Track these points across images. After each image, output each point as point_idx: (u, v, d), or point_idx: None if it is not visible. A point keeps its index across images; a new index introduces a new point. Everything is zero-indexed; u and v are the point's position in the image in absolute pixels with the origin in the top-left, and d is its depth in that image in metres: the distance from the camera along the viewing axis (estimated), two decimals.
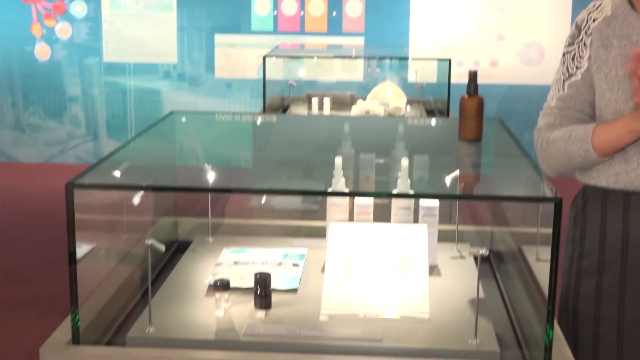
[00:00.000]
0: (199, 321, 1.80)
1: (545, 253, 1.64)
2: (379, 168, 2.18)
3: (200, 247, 2.26)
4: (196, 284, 2.00)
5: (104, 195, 1.94)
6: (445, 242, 2.24)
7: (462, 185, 1.97)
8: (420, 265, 1.87)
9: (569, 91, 2.01)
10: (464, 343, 1.69)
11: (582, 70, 2.00)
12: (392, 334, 1.73)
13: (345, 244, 1.91)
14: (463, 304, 1.89)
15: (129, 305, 1.94)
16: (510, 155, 2.12)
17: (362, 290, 1.85)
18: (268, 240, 2.30)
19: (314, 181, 2.07)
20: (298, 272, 2.04)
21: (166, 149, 2.37)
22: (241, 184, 2.03)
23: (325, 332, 1.74)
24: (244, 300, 1.88)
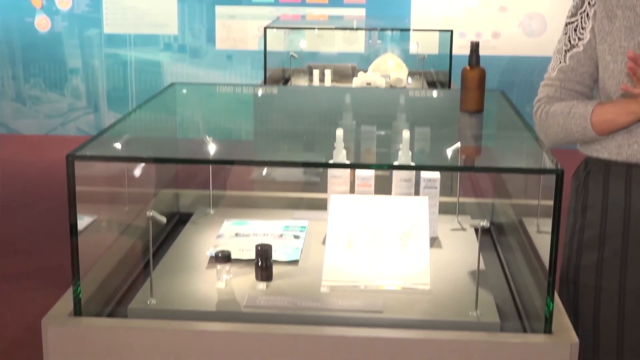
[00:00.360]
0: (200, 293, 1.80)
1: (546, 225, 1.64)
2: (380, 140, 2.17)
3: (201, 219, 2.26)
4: (197, 256, 2.00)
5: (104, 167, 1.94)
6: (446, 214, 2.24)
7: (463, 157, 1.97)
8: (421, 237, 1.87)
9: (570, 62, 2.01)
10: (464, 314, 1.70)
11: (584, 42, 1.99)
12: (392, 306, 1.74)
13: (346, 216, 1.91)
14: (464, 276, 1.90)
15: (130, 277, 1.94)
16: (511, 127, 2.11)
17: (362, 262, 1.85)
18: (269, 212, 2.30)
19: (315, 153, 2.06)
20: (299, 244, 2.05)
21: (167, 120, 2.36)
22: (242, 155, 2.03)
23: (326, 303, 1.74)
24: (245, 272, 1.89)
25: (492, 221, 2.30)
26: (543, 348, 1.59)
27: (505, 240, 2.17)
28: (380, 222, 1.90)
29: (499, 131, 2.31)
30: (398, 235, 1.88)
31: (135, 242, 2.04)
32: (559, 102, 2.01)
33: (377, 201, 1.95)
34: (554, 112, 1.99)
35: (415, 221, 1.89)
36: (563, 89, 2.02)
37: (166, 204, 2.36)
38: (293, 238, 2.08)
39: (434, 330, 1.63)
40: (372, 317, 1.69)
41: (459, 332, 1.62)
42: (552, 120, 1.99)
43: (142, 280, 1.87)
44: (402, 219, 1.90)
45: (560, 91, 2.02)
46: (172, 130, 2.37)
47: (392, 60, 4.69)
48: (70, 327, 1.65)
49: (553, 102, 2.02)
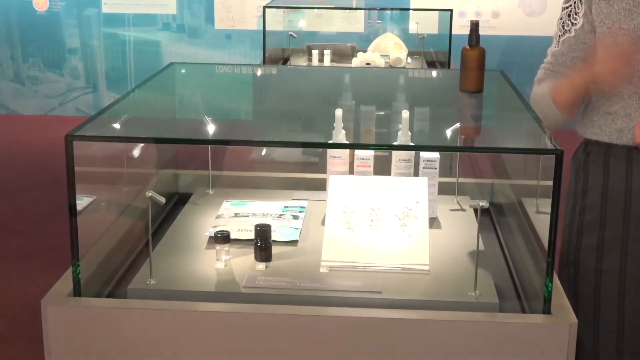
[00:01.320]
0: (200, 273, 1.80)
1: (545, 205, 1.64)
2: (380, 120, 2.17)
3: (200, 200, 2.26)
4: (196, 236, 2.00)
5: (103, 147, 1.93)
6: (445, 194, 2.24)
7: (462, 137, 1.96)
8: (420, 218, 1.87)
9: (562, 47, 2.04)
10: (463, 295, 1.70)
11: (576, 27, 2.01)
12: (392, 286, 1.74)
13: (345, 197, 1.91)
14: (463, 256, 1.90)
15: (129, 258, 1.94)
16: (511, 108, 2.11)
17: (362, 242, 1.85)
18: (268, 193, 2.30)
19: (314, 133, 2.06)
20: (298, 224, 2.05)
21: (166, 100, 2.35)
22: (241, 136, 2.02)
23: (325, 283, 1.75)
24: (244, 253, 1.89)
25: (491, 202, 2.30)
26: (542, 328, 1.60)
27: (504, 220, 2.17)
28: (380, 203, 1.89)
29: (498, 111, 2.31)
30: (397, 215, 1.88)
31: (134, 223, 2.04)
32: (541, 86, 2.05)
33: (376, 182, 1.95)
34: (534, 94, 2.06)
35: (415, 202, 1.89)
36: (551, 72, 2.07)
37: (165, 184, 2.36)
38: (292, 218, 2.08)
39: (433, 311, 1.63)
40: (371, 297, 1.70)
41: (458, 313, 1.62)
42: (534, 102, 2.05)
43: (142, 261, 1.87)
44: (402, 199, 1.90)
45: (549, 74, 2.07)
46: (171, 110, 2.36)
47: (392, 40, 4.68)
48: (69, 307, 1.65)
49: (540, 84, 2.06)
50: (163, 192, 1.82)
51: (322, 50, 4.60)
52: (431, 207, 2.07)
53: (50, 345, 1.65)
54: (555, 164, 1.58)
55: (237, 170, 2.48)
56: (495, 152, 2.32)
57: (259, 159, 2.72)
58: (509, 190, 2.22)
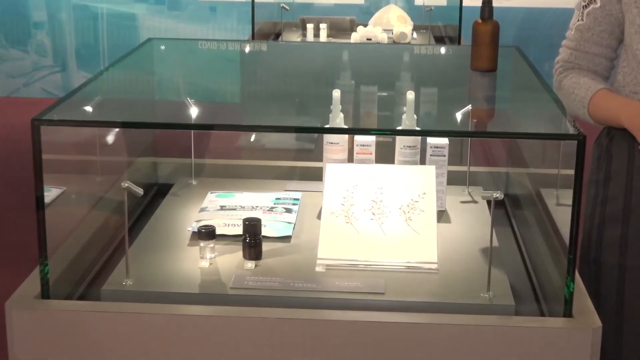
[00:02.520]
0: (182, 273, 1.81)
1: (566, 197, 1.64)
2: (382, 102, 2.17)
3: (182, 191, 2.26)
4: (178, 232, 2.00)
5: (74, 132, 1.93)
6: (455, 185, 2.24)
7: (474, 121, 1.97)
8: (427, 211, 1.88)
9: (587, 20, 2.04)
10: (475, 296, 1.70)
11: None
12: (396, 287, 1.74)
13: (344, 187, 1.91)
14: (475, 254, 1.90)
15: (103, 256, 1.95)
16: (528, 88, 2.11)
17: (362, 238, 1.85)
18: (258, 183, 2.31)
19: (309, 117, 2.06)
20: (291, 218, 2.05)
21: (144, 80, 2.35)
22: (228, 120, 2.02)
23: (322, 284, 1.75)
24: (231, 250, 1.89)
25: (506, 192, 2.30)
26: (562, 333, 1.60)
27: (520, 213, 2.17)
28: (382, 194, 1.90)
29: (514, 92, 2.31)
30: (402, 208, 1.88)
31: (108, 217, 2.04)
32: (572, 71, 2.05)
33: (378, 170, 1.95)
34: (562, 87, 2.06)
35: (421, 193, 1.90)
36: (579, 52, 2.06)
37: (143, 173, 2.36)
38: (284, 212, 2.08)
39: (441, 314, 1.64)
40: (372, 299, 1.70)
41: (469, 316, 1.63)
42: (561, 94, 2.05)
43: (117, 259, 1.87)
44: (407, 190, 1.90)
45: (576, 55, 2.06)
46: (150, 91, 2.36)
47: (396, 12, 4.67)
48: (37, 310, 1.65)
49: (568, 70, 2.07)
50: (141, 183, 1.82)
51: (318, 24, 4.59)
52: (439, 198, 2.08)
53: (15, 352, 1.65)
54: (577, 150, 1.59)
55: (223, 158, 2.48)
56: (510, 138, 2.33)
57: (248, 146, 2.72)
58: (525, 180, 2.23)
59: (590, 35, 2.05)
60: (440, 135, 2.10)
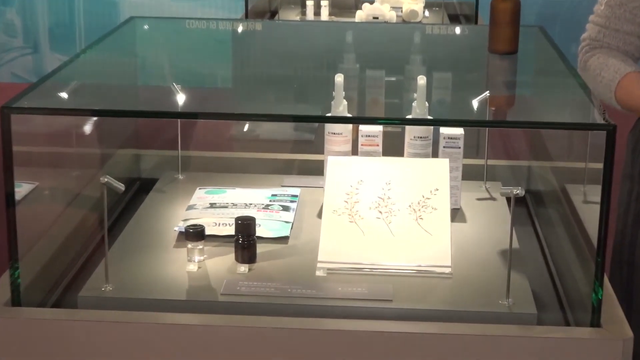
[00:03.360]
0: (167, 277, 1.81)
1: (594, 193, 1.64)
2: (390, 88, 2.17)
3: (167, 187, 2.26)
4: (163, 232, 2.01)
5: (48, 122, 1.94)
6: (471, 180, 2.25)
7: (492, 109, 1.97)
8: (440, 209, 1.88)
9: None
10: (493, 303, 1.71)
11: None
12: (405, 293, 1.75)
13: (347, 183, 1.91)
14: (493, 256, 1.91)
15: (80, 258, 1.95)
16: (553, 72, 2.11)
17: (368, 239, 1.86)
18: (252, 178, 2.31)
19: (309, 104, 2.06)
20: (289, 217, 2.05)
21: (125, 64, 2.36)
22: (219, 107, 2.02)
23: (323, 290, 1.75)
24: (222, 252, 1.90)
25: (527, 189, 2.31)
26: (590, 344, 1.61)
27: (544, 212, 2.18)
28: (390, 190, 1.90)
29: (537, 77, 2.31)
30: (412, 206, 1.88)
31: (86, 215, 2.05)
32: (599, 50, 2.04)
33: (385, 164, 1.95)
34: (588, 68, 2.05)
35: (433, 189, 1.90)
36: (608, 30, 2.04)
37: (124, 167, 2.36)
38: (281, 210, 2.08)
39: (455, 324, 1.64)
40: (379, 307, 1.71)
41: (486, 326, 1.63)
42: (586, 76, 2.05)
43: (96, 262, 1.88)
44: (417, 186, 1.91)
45: (604, 32, 2.05)
46: (132, 75, 2.36)
47: None
48: (7, 319, 1.66)
49: (595, 49, 2.05)
50: (121, 178, 1.82)
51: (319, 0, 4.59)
52: (454, 195, 2.08)
53: None
54: (607, 141, 1.59)
55: (213, 150, 2.49)
56: (532, 128, 2.33)
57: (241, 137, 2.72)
58: (549, 175, 2.23)
59: (622, 12, 2.03)
60: (454, 125, 2.10)
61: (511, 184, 1.83)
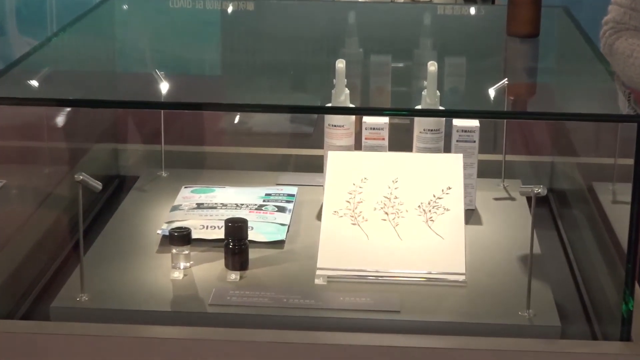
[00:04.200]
0: (149, 286, 1.81)
1: (624, 192, 1.64)
2: (397, 75, 2.18)
3: (150, 185, 2.27)
4: (145, 236, 2.01)
5: (17, 113, 1.94)
6: (487, 177, 2.25)
7: (511, 98, 1.97)
8: (453, 210, 1.88)
9: None
10: (512, 315, 1.71)
11: None
12: (414, 304, 1.75)
13: (349, 180, 1.91)
14: (511, 262, 1.91)
15: (53, 265, 1.95)
16: (578, 58, 2.12)
17: (372, 243, 1.86)
18: (244, 176, 2.31)
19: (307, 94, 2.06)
20: (285, 219, 2.06)
21: (102, 48, 2.36)
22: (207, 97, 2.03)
23: (322, 300, 1.75)
24: (210, 258, 1.90)
25: (550, 187, 2.31)
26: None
27: (568, 213, 2.18)
28: (397, 189, 1.90)
29: (560, 63, 2.32)
30: (422, 207, 1.89)
31: (59, 217, 2.05)
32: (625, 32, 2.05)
33: (392, 160, 1.95)
34: (615, 51, 2.05)
35: (446, 187, 1.90)
36: (634, 12, 2.05)
37: (101, 163, 2.37)
38: (277, 211, 2.09)
39: (470, 337, 1.64)
40: (385, 318, 1.71)
41: (504, 340, 1.63)
42: (614, 59, 2.05)
43: (70, 269, 1.88)
44: (428, 184, 1.91)
45: (630, 14, 2.06)
46: (110, 61, 2.36)
47: None
48: None
49: (620, 32, 2.06)
50: (98, 175, 1.82)
51: None
52: (468, 194, 2.08)
53: None
54: (638, 135, 1.59)
55: (200, 145, 2.49)
56: (555, 119, 2.33)
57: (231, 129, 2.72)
58: (574, 172, 2.23)
59: None
60: (469, 117, 2.10)
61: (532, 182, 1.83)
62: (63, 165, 2.20)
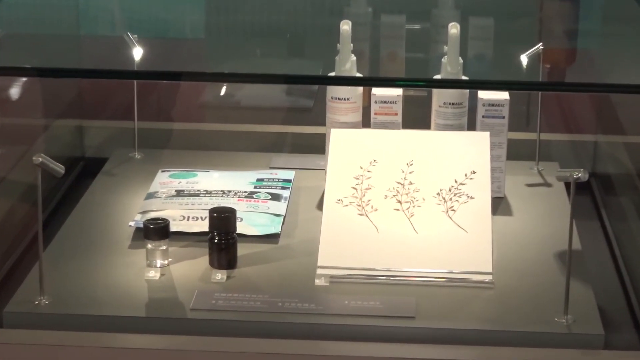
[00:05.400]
0: (120, 288, 1.81)
1: None
2: (413, 38, 2.17)
3: (120, 168, 2.27)
4: (115, 228, 2.01)
5: None
6: (519, 159, 2.25)
7: (547, 66, 1.97)
8: (478, 198, 1.88)
9: None
10: (548, 322, 1.71)
11: None
12: (432, 308, 1.75)
13: (356, 163, 1.92)
14: (547, 260, 1.91)
15: (6, 263, 1.95)
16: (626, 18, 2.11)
17: (383, 237, 1.86)
18: (231, 158, 2.31)
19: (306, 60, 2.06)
20: (280, 209, 2.06)
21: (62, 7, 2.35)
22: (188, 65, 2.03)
23: (324, 304, 1.76)
24: (192, 254, 1.90)
25: (593, 171, 2.31)
26: None
27: (614, 201, 2.18)
28: (413, 174, 1.90)
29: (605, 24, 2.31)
30: (441, 194, 1.89)
31: (14, 206, 2.05)
32: None
33: (406, 139, 1.95)
34: None
35: (469, 171, 1.90)
36: None
37: (64, 143, 2.37)
38: (270, 199, 2.09)
39: (498, 347, 1.64)
40: (398, 325, 1.71)
41: (539, 350, 1.63)
42: None
43: (27, 268, 1.88)
44: (448, 167, 1.91)
45: None
46: (72, 23, 2.36)
47: None
48: None
49: None
50: (60, 157, 1.83)
51: None
52: (496, 180, 2.09)
53: None
54: None
55: (180, 121, 2.49)
56: (599, 92, 2.33)
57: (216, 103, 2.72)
58: (621, 153, 2.23)
59: None
60: (497, 88, 2.10)
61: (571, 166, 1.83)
62: (18, 145, 2.20)
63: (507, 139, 2.12)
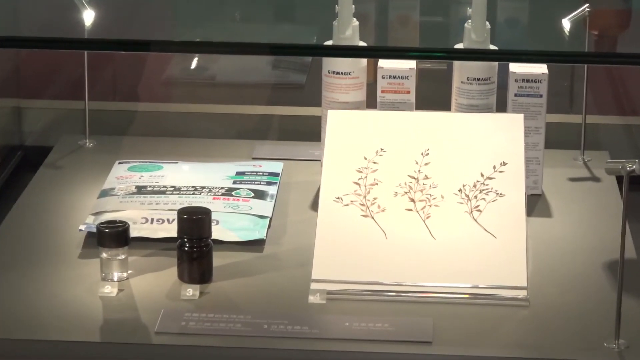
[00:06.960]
0: (69, 306, 1.82)
1: None
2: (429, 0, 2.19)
3: (68, 160, 2.27)
4: (62, 233, 2.02)
5: None
6: (560, 147, 2.26)
7: (594, 33, 1.98)
8: (509, 196, 1.89)
9: None
10: (595, 347, 1.72)
11: None
12: (452, 331, 1.76)
13: (359, 152, 1.92)
14: (593, 272, 1.92)
15: None
16: None
17: (392, 244, 1.87)
18: (205, 146, 2.32)
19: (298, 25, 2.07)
20: (265, 209, 2.07)
21: None
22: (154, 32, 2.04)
23: (320, 326, 1.76)
24: (157, 266, 1.91)
25: None
26: None
27: None
28: (429, 165, 1.91)
29: None
30: (463, 191, 1.90)
31: None
32: None
33: (421, 123, 1.96)
34: None
35: (498, 162, 1.91)
36: None
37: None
38: (253, 197, 2.10)
39: None
40: (412, 352, 1.72)
41: None
42: None
43: None
44: (473, 158, 1.92)
45: None
46: None
47: None
48: None
49: None
50: None
51: None
52: (532, 173, 2.10)
53: None
54: None
55: (141, 101, 2.49)
56: None
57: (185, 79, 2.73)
58: None
59: None
60: (532, 61, 2.11)
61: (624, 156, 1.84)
62: None
63: (545, 122, 2.13)
